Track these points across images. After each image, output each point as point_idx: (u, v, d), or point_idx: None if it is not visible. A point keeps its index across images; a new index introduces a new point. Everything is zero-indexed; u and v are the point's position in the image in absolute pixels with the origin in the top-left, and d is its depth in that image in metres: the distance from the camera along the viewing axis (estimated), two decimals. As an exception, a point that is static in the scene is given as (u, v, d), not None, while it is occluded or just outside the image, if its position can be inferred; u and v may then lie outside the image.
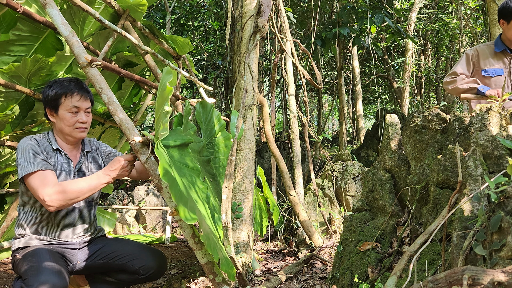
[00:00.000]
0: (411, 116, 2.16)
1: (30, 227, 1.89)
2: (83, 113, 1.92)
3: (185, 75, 3.32)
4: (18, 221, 1.93)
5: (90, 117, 1.97)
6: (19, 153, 1.80)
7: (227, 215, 1.88)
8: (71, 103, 1.89)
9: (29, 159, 1.78)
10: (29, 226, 1.89)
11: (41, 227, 1.91)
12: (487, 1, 4.49)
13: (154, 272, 2.00)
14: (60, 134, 1.94)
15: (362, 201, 2.48)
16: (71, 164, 1.96)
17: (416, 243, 1.46)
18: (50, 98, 1.89)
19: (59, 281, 1.63)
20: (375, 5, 6.31)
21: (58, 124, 1.91)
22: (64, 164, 1.93)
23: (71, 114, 1.89)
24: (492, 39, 4.51)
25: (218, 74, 8.44)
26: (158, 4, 8.10)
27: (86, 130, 1.96)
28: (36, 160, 1.79)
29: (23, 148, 1.81)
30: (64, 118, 1.89)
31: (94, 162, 2.07)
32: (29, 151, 1.80)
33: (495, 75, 2.76)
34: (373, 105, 16.16)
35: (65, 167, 1.93)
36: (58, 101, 1.88)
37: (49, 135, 1.95)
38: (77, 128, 1.91)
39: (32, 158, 1.79)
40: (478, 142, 1.62)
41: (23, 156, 1.78)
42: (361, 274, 2.04)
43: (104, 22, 2.48)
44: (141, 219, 5.53)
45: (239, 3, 4.08)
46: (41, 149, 1.85)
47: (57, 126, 1.92)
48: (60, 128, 1.92)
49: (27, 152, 1.80)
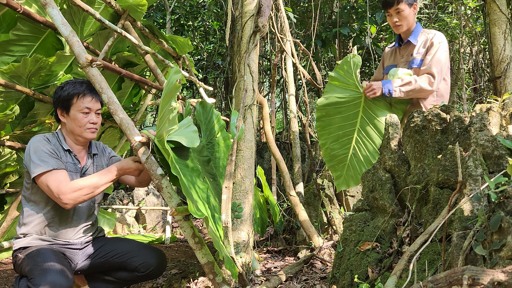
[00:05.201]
0: (411, 116, 2.17)
1: (33, 226, 1.90)
2: (94, 114, 1.97)
3: (185, 75, 3.32)
4: (20, 220, 1.93)
5: (100, 118, 2.02)
6: (32, 152, 1.81)
7: (227, 215, 1.88)
8: (83, 104, 1.93)
9: (43, 158, 1.79)
10: (32, 226, 1.90)
11: (44, 226, 1.91)
12: (487, 1, 4.49)
13: (154, 270, 2.00)
14: (71, 134, 1.98)
15: (362, 201, 2.48)
16: (79, 166, 1.99)
17: (416, 243, 1.46)
18: (62, 99, 1.93)
19: (65, 281, 1.65)
20: (375, 5, 6.31)
21: (69, 125, 1.95)
22: (72, 165, 1.96)
23: (82, 115, 1.93)
24: (492, 39, 4.52)
25: (218, 74, 8.44)
26: (158, 4, 8.09)
27: (96, 131, 2.00)
28: (50, 159, 1.81)
29: (36, 146, 1.83)
30: (75, 118, 1.92)
31: (99, 165, 2.10)
32: (42, 149, 1.82)
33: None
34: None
35: (73, 168, 1.96)
36: (70, 102, 1.92)
37: (59, 135, 1.98)
38: (88, 129, 1.96)
39: (46, 156, 1.80)
40: (478, 142, 1.62)
41: (37, 155, 1.79)
42: (361, 274, 2.04)
43: (104, 22, 2.48)
44: (141, 219, 5.53)
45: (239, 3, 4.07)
46: (54, 148, 1.88)
47: (68, 126, 1.96)
48: (71, 128, 1.95)
49: (40, 150, 1.81)
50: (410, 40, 2.62)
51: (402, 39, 2.71)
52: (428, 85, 2.51)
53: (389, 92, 2.49)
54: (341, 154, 2.65)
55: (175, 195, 1.75)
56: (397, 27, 2.63)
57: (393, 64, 2.75)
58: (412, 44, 2.64)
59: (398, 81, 2.51)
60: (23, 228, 1.90)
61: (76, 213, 1.97)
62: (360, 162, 2.57)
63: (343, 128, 2.63)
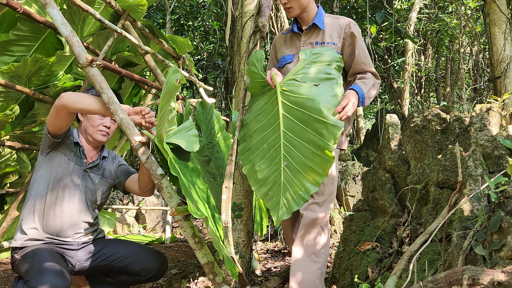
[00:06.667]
0: (411, 116, 2.17)
1: (31, 220, 1.90)
2: (109, 119, 2.05)
3: (185, 75, 3.32)
4: (19, 221, 1.93)
5: (114, 125, 2.09)
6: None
7: (227, 215, 1.88)
8: None
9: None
10: (29, 221, 1.89)
11: (42, 221, 1.90)
12: (487, 1, 4.49)
13: (155, 273, 2.01)
14: (84, 133, 2.07)
15: (362, 201, 2.48)
16: (84, 161, 2.04)
17: (416, 243, 1.46)
18: None
19: (62, 282, 1.64)
20: (375, 5, 6.30)
21: (84, 123, 2.06)
22: (78, 158, 2.01)
23: (98, 117, 2.03)
24: (492, 39, 4.51)
25: (218, 74, 8.44)
26: (158, 4, 8.09)
27: (107, 136, 2.07)
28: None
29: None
30: (91, 118, 2.03)
31: (107, 169, 2.14)
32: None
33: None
34: (373, 105, 16.16)
35: (78, 162, 2.01)
36: None
37: (74, 131, 2.06)
38: (100, 131, 2.03)
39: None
40: (478, 142, 1.62)
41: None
42: (361, 274, 2.04)
43: (104, 22, 2.48)
44: (141, 219, 5.53)
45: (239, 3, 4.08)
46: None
47: (83, 125, 2.06)
48: (85, 127, 2.05)
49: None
50: (317, 24, 2.09)
51: (300, 24, 2.18)
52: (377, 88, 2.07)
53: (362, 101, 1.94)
54: (272, 173, 1.94)
55: (175, 195, 1.75)
56: (288, 10, 2.11)
57: (291, 53, 2.17)
58: (318, 29, 2.11)
59: (363, 86, 1.97)
60: (20, 227, 1.91)
61: (75, 209, 1.97)
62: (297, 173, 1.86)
63: (267, 138, 1.98)
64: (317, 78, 1.91)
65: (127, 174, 2.17)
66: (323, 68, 1.92)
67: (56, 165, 1.96)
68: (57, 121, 1.84)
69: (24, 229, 1.89)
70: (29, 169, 2.93)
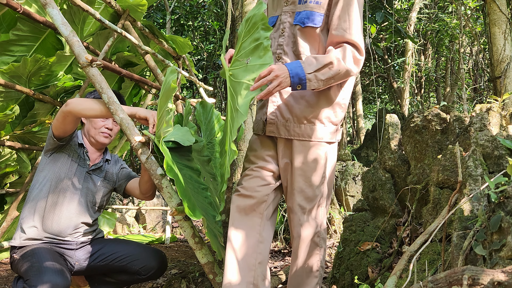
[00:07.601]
0: (411, 116, 2.17)
1: (31, 219, 1.89)
2: (111, 121, 2.06)
3: (185, 75, 3.32)
4: (19, 220, 1.93)
5: (117, 128, 2.10)
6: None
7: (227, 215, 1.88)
8: None
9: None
10: (29, 220, 1.89)
11: (41, 219, 1.90)
12: (487, 1, 4.49)
13: (155, 272, 2.01)
14: (87, 135, 2.08)
15: (362, 201, 2.48)
16: (88, 162, 2.05)
17: (416, 243, 1.46)
18: None
19: (62, 281, 1.64)
20: (375, 4, 6.30)
21: (87, 126, 2.07)
22: (81, 159, 2.03)
23: (100, 119, 2.02)
24: (492, 39, 4.51)
25: (218, 74, 8.45)
26: (158, 4, 8.10)
27: (110, 138, 2.07)
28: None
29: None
30: (93, 120, 2.04)
31: (110, 172, 2.15)
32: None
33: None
34: (373, 105, 16.16)
35: (81, 163, 2.02)
36: None
37: (78, 132, 2.08)
38: (102, 133, 2.04)
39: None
40: (478, 142, 1.62)
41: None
42: (361, 274, 2.05)
43: (104, 22, 2.48)
44: (141, 219, 5.53)
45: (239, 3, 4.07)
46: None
47: (86, 127, 2.08)
48: (88, 129, 2.06)
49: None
50: None
51: None
52: (354, 65, 1.56)
53: (300, 83, 1.51)
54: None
55: (175, 195, 1.75)
56: None
57: (274, 15, 1.76)
58: None
59: (311, 62, 1.52)
60: (20, 227, 1.91)
61: (75, 210, 1.97)
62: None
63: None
64: (250, 50, 1.52)
65: (128, 178, 2.18)
66: (254, 34, 1.52)
67: (60, 166, 1.97)
68: (63, 126, 1.86)
69: (24, 228, 1.89)
70: (29, 169, 2.93)
